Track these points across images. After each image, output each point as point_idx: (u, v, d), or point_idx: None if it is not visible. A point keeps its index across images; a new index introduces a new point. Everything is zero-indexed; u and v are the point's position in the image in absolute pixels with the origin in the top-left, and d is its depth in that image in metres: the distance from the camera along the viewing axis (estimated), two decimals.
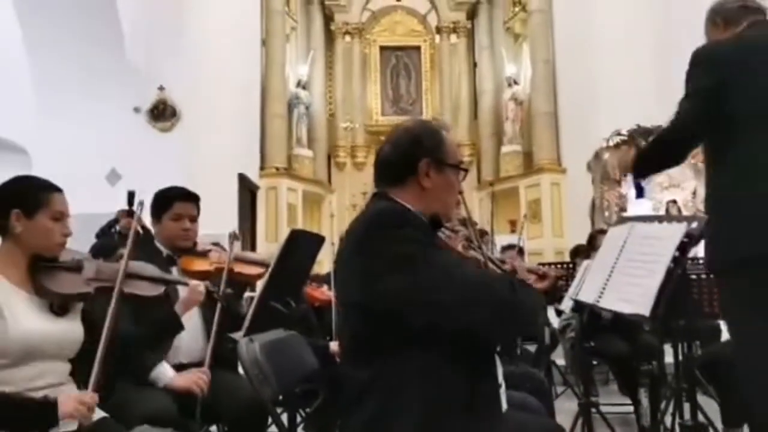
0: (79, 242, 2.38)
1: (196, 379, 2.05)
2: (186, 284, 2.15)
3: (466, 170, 1.62)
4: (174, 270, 2.23)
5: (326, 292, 3.75)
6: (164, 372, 2.07)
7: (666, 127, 1.92)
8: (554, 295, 3.03)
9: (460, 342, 1.35)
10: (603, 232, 2.65)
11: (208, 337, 2.19)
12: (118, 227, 5.66)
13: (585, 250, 4.05)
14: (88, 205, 4.91)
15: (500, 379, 1.49)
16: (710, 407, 3.15)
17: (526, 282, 1.42)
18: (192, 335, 2.21)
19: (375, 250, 1.37)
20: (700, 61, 1.85)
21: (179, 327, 2.11)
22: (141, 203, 1.86)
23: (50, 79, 7.39)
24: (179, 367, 2.17)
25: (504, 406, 1.47)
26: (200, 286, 2.14)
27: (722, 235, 1.80)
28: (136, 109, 7.85)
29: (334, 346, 3.17)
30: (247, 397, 1.99)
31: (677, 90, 2.01)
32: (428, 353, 1.34)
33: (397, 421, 1.33)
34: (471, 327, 1.33)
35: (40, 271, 1.68)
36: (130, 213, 5.36)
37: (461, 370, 1.36)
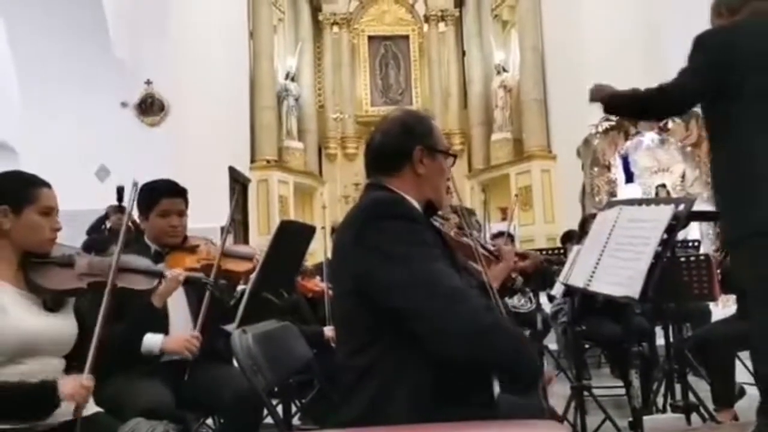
0: (70, 239, 2.37)
1: (187, 344, 2.09)
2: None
3: (455, 156, 1.65)
4: (160, 267, 2.22)
5: (319, 284, 3.75)
6: (152, 341, 2.10)
7: (666, 88, 2.07)
8: (542, 278, 3.04)
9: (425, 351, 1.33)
10: (595, 216, 2.67)
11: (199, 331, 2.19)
12: (108, 223, 5.63)
13: (578, 236, 4.07)
14: (78, 201, 4.88)
15: None
16: (701, 388, 3.20)
17: (507, 321, 1.44)
18: (182, 331, 2.20)
19: (370, 242, 1.38)
20: (698, 45, 2.00)
21: (158, 317, 2.10)
22: (120, 190, 1.83)
23: (35, 76, 7.32)
24: (170, 364, 2.17)
25: (496, 390, 1.49)
26: (180, 275, 2.12)
27: (740, 206, 1.88)
28: (124, 104, 7.79)
29: (328, 331, 3.19)
30: (242, 389, 1.99)
31: (666, 75, 2.10)
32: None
33: (393, 406, 1.34)
34: (436, 336, 1.31)
35: (32, 267, 1.66)
36: (120, 209, 5.33)
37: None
